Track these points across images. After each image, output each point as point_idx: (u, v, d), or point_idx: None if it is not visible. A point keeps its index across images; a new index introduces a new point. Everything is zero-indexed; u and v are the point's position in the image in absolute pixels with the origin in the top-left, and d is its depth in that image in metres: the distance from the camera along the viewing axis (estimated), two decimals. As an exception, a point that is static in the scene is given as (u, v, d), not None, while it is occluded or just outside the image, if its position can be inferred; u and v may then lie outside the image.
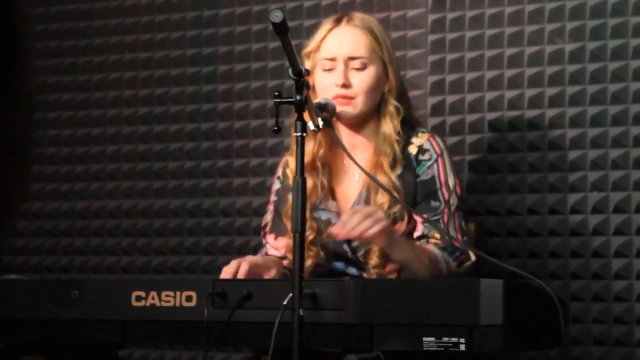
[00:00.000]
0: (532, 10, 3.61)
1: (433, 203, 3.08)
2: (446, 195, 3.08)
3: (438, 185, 3.09)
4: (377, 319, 2.51)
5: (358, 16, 3.16)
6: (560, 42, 3.56)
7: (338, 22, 3.15)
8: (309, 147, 2.54)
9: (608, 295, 3.45)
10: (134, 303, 2.75)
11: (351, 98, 3.08)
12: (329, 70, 3.10)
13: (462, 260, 3.04)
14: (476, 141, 3.66)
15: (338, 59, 3.10)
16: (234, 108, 4.09)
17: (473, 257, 3.06)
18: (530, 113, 3.59)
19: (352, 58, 3.10)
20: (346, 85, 3.08)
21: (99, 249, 4.28)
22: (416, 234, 3.09)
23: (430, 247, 3.03)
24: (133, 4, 4.30)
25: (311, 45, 3.14)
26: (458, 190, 3.11)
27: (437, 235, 3.06)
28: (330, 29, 3.15)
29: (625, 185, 3.45)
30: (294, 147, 3.14)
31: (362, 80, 3.09)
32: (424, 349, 2.46)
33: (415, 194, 3.11)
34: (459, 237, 3.07)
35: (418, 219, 3.07)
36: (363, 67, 3.10)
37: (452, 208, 3.09)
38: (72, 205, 4.34)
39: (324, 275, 3.12)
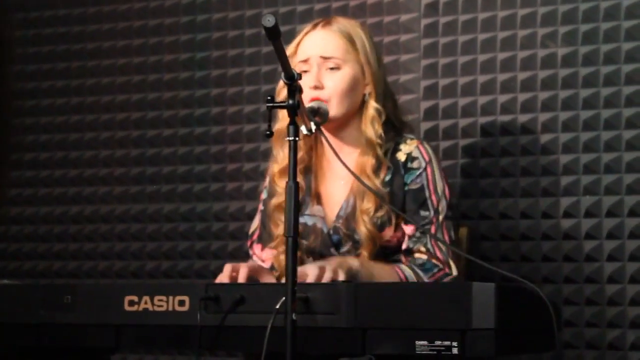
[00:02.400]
0: (525, 14, 3.62)
1: (423, 212, 3.07)
2: (435, 203, 3.08)
3: (427, 194, 3.08)
4: (369, 323, 2.51)
5: (336, 20, 3.15)
6: (553, 47, 3.57)
7: (315, 26, 3.15)
8: (287, 152, 2.53)
9: (601, 299, 3.45)
10: (127, 308, 2.75)
11: (325, 100, 3.06)
12: (305, 72, 3.08)
13: (439, 277, 3.02)
14: (469, 145, 3.67)
15: (311, 60, 3.09)
16: (227, 112, 4.09)
17: (454, 272, 3.04)
18: (523, 117, 3.60)
19: (325, 58, 3.08)
20: (318, 87, 3.06)
21: (92, 253, 4.28)
22: (403, 247, 3.08)
23: (403, 267, 3.01)
24: (126, 8, 4.30)
25: (289, 49, 3.11)
26: (447, 197, 3.10)
27: (422, 249, 3.04)
28: (306, 33, 3.14)
29: (618, 189, 3.45)
30: (273, 148, 3.17)
31: (335, 81, 3.07)
32: (417, 352, 2.46)
33: (403, 201, 3.10)
34: (439, 253, 3.05)
35: (407, 231, 3.07)
36: (337, 68, 3.08)
37: (441, 217, 3.07)
38: (65, 210, 4.34)
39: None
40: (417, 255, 3.04)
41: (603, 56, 3.50)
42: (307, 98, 3.01)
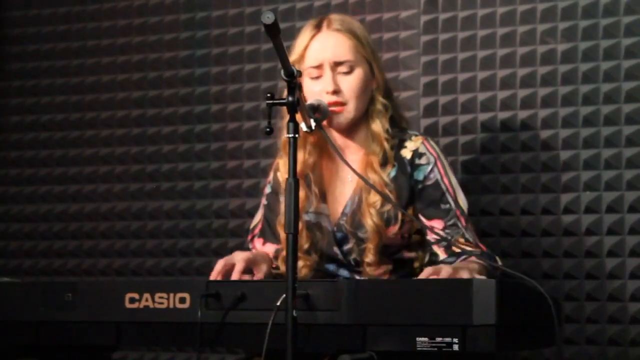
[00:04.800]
0: (524, 10, 3.62)
1: (443, 206, 3.07)
2: (453, 196, 3.07)
3: (444, 188, 3.08)
4: (370, 319, 2.51)
5: (337, 19, 3.14)
6: (553, 43, 3.57)
7: (318, 27, 3.13)
8: (299, 155, 2.54)
9: (601, 295, 3.45)
10: (128, 305, 2.75)
11: (343, 104, 3.06)
12: (317, 77, 3.08)
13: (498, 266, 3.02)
14: (469, 142, 3.67)
15: (324, 65, 3.08)
16: (227, 110, 4.09)
17: (499, 261, 3.04)
18: (523, 113, 3.60)
19: (338, 63, 3.08)
20: (336, 92, 3.06)
21: (92, 251, 4.28)
22: (436, 237, 3.04)
23: (479, 260, 2.97)
24: (126, 5, 4.30)
25: (294, 54, 3.10)
26: (461, 190, 3.11)
27: (462, 240, 3.03)
28: (312, 36, 3.12)
29: (618, 185, 3.45)
30: (284, 154, 3.17)
31: (351, 84, 3.08)
32: (418, 349, 2.46)
33: (409, 198, 3.09)
34: (479, 243, 3.06)
35: (436, 225, 3.05)
36: (350, 71, 3.09)
37: (465, 210, 3.07)
38: (65, 208, 4.34)
39: (316, 277, 3.12)
40: (457, 246, 3.02)
41: (603, 52, 3.50)
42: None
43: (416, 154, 3.11)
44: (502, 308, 2.42)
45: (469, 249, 3.02)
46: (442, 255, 3.05)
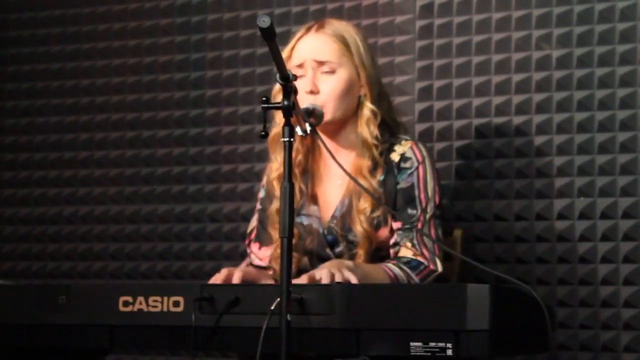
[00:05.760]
0: (520, 16, 3.62)
1: (410, 211, 3.07)
2: (424, 203, 3.07)
3: (416, 193, 3.08)
4: (364, 324, 2.51)
5: (330, 23, 3.15)
6: (548, 49, 3.58)
7: (308, 30, 3.14)
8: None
9: (595, 301, 3.45)
10: (122, 308, 2.75)
11: (322, 105, 3.05)
12: (300, 77, 3.07)
13: (425, 275, 3.01)
14: (463, 147, 3.67)
15: (306, 64, 3.09)
16: (222, 113, 4.09)
17: (440, 269, 3.04)
18: (518, 119, 3.60)
19: (319, 62, 3.08)
20: (314, 92, 3.06)
21: (86, 254, 4.27)
22: (391, 242, 3.09)
23: (391, 266, 3.00)
24: (121, 9, 4.30)
25: (284, 54, 3.09)
26: (437, 198, 3.10)
27: (408, 244, 3.04)
28: (300, 37, 3.14)
29: (612, 191, 3.46)
30: (271, 153, 3.17)
31: (331, 85, 3.07)
32: (411, 353, 2.46)
33: (395, 200, 3.10)
34: (424, 250, 3.05)
35: (394, 226, 3.07)
36: (332, 72, 3.08)
37: (428, 215, 3.07)
38: (59, 211, 4.33)
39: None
40: (403, 250, 3.04)
41: (597, 58, 3.50)
42: (303, 103, 3.01)
43: (403, 157, 3.12)
44: (496, 313, 2.42)
45: (409, 255, 3.02)
46: (392, 256, 3.07)
